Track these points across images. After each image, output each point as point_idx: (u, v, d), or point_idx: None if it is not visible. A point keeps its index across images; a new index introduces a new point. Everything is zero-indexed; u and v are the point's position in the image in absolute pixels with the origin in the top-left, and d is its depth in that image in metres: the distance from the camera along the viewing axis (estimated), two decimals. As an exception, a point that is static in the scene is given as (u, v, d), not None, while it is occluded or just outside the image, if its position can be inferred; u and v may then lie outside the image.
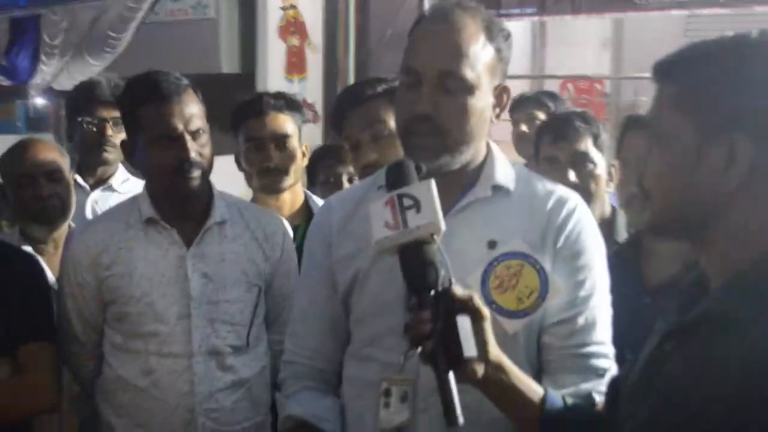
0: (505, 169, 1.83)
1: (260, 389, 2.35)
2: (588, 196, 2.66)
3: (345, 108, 2.51)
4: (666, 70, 1.34)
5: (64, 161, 2.79)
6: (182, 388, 2.27)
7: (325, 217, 1.94)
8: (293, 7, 11.16)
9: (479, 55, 1.71)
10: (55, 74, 7.69)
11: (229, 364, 2.31)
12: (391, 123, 2.39)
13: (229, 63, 11.06)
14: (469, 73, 1.70)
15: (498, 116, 1.80)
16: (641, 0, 6.63)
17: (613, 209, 2.81)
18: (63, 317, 2.39)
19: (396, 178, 1.53)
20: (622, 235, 2.71)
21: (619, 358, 1.77)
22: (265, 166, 2.73)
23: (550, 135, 2.75)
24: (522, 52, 12.86)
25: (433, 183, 1.49)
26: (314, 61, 11.49)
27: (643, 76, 9.31)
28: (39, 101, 9.58)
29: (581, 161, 2.69)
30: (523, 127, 4.49)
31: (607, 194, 2.81)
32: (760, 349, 1.15)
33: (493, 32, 1.74)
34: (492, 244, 1.74)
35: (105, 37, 7.37)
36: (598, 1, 6.96)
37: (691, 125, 1.27)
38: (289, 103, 2.78)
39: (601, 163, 2.74)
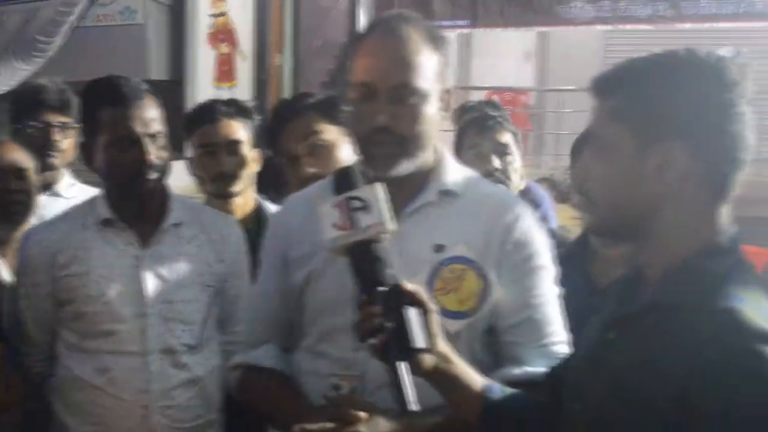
0: (455, 174, 1.92)
1: (213, 387, 2.40)
2: (509, 183, 2.87)
3: (279, 122, 2.57)
4: (605, 85, 1.47)
5: (29, 161, 2.81)
6: (138, 386, 2.31)
7: (282, 218, 2.05)
8: (223, 14, 11.14)
9: (427, 64, 1.80)
10: (-19, 78, 7.55)
11: (184, 362, 2.36)
12: (327, 135, 2.49)
13: (157, 69, 10.96)
14: (421, 83, 1.79)
15: (444, 119, 1.89)
16: (567, 14, 6.87)
17: None
18: (17, 317, 2.41)
19: (344, 182, 1.63)
20: None
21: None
22: (218, 172, 2.79)
23: (474, 127, 2.94)
24: (450, 64, 13.07)
25: (380, 186, 1.59)
26: (244, 68, 11.50)
27: (566, 88, 9.60)
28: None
29: (503, 151, 2.91)
30: None
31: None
32: (702, 333, 1.28)
33: (435, 40, 1.84)
34: (439, 248, 1.83)
35: (33, 41, 7.27)
36: (527, 14, 7.18)
37: (629, 135, 1.41)
38: (241, 110, 2.85)
39: (518, 158, 2.94)
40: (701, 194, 1.41)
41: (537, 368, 1.82)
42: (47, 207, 3.22)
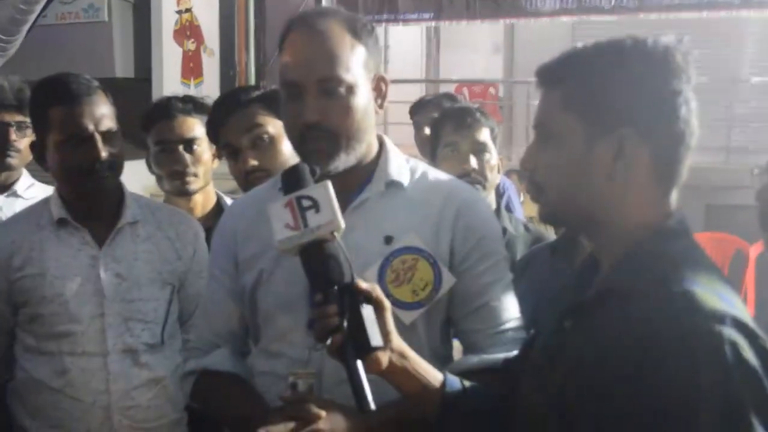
0: (399, 164, 1.91)
1: (176, 386, 2.34)
2: (485, 182, 2.86)
3: (222, 115, 2.54)
4: (551, 75, 1.47)
5: None
6: (98, 387, 2.29)
7: (228, 220, 2.02)
8: (188, 10, 11.08)
9: (350, 54, 1.78)
10: (-59, 78, 7.44)
11: (144, 361, 2.34)
12: (269, 127, 2.46)
13: (123, 67, 10.88)
14: (345, 74, 1.76)
15: (381, 106, 1.87)
16: (531, 6, 6.88)
17: (498, 203, 3.00)
18: None
19: (292, 181, 1.61)
20: (506, 225, 2.88)
21: None
22: (175, 169, 2.76)
23: (452, 123, 2.90)
24: (417, 57, 13.10)
25: (329, 184, 1.58)
26: (210, 64, 11.44)
27: (534, 80, 9.58)
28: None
29: (480, 150, 2.88)
30: (427, 131, 4.61)
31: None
32: (658, 317, 1.29)
33: (357, 29, 1.81)
34: (388, 240, 1.82)
35: (-5, 40, 7.19)
36: (492, 7, 7.19)
37: (580, 124, 1.41)
38: (198, 107, 2.82)
39: (495, 155, 2.92)
40: (651, 180, 1.41)
41: (494, 355, 1.82)
42: (5, 208, 3.19)
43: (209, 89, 11.09)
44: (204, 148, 2.79)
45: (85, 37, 10.49)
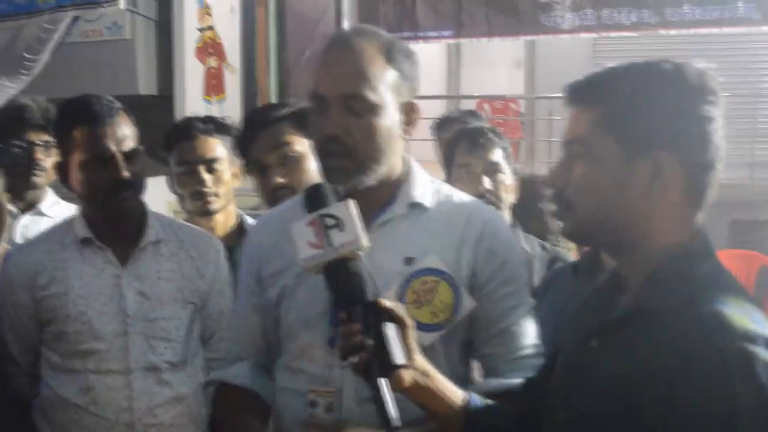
0: (423, 186, 1.92)
1: (198, 405, 2.38)
2: (499, 203, 2.86)
3: (250, 132, 2.57)
4: (586, 93, 1.48)
5: None
6: (121, 404, 2.31)
7: (254, 236, 2.06)
8: (210, 28, 11.15)
9: (379, 76, 1.80)
10: (-32, 96, 7.53)
11: (167, 379, 2.36)
12: (297, 145, 2.49)
13: (146, 84, 10.96)
14: (371, 95, 1.78)
15: (408, 132, 1.87)
16: (551, 23, 6.87)
17: (513, 222, 2.99)
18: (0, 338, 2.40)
19: (315, 199, 1.63)
20: (522, 245, 2.88)
21: None
22: (196, 189, 2.78)
23: (466, 144, 2.90)
24: (438, 73, 13.10)
25: (352, 202, 1.59)
26: (232, 81, 11.50)
27: (556, 96, 9.59)
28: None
29: (494, 170, 2.89)
30: None
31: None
32: (689, 337, 1.29)
33: (392, 53, 1.83)
34: (409, 261, 1.83)
35: (21, 59, 7.27)
36: (512, 24, 7.18)
37: (617, 145, 1.42)
38: (219, 127, 2.84)
39: (509, 174, 2.92)
40: (682, 203, 1.43)
41: (514, 380, 1.82)
42: (31, 226, 3.23)
43: (231, 106, 11.15)
44: (225, 167, 2.81)
45: (108, 55, 10.58)
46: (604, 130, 1.44)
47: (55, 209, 3.30)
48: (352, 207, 1.59)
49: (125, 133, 2.33)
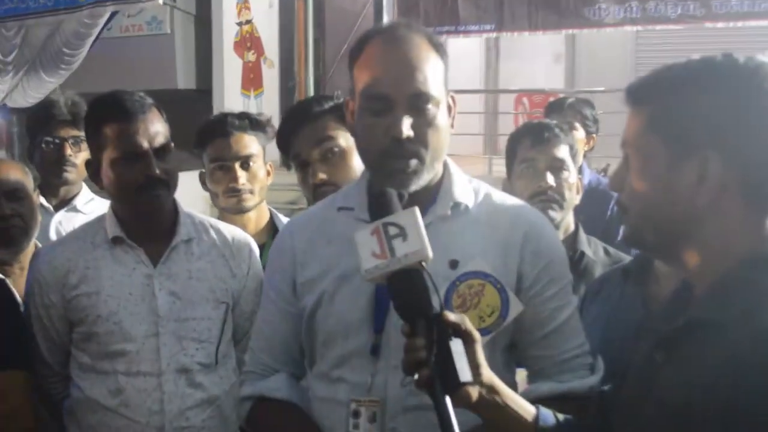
0: (463, 185, 1.85)
1: (230, 407, 2.33)
2: (562, 201, 2.72)
3: (293, 126, 2.49)
4: (638, 94, 1.42)
5: (27, 180, 2.73)
6: (152, 407, 2.26)
7: (286, 240, 1.95)
8: (248, 22, 11.18)
9: (435, 70, 1.74)
10: (8, 91, 7.59)
11: (199, 381, 2.31)
12: (341, 140, 2.41)
13: (185, 78, 11.05)
14: (434, 91, 1.72)
15: (452, 125, 1.81)
16: (594, 16, 6.75)
17: (576, 225, 2.85)
18: (29, 339, 2.36)
19: (379, 207, 1.55)
20: (584, 249, 2.76)
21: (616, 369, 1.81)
22: (231, 187, 2.74)
23: (530, 138, 2.77)
24: (477, 67, 13.02)
25: (417, 211, 1.51)
26: (270, 75, 11.53)
27: (595, 90, 9.48)
28: (-3, 118, 9.46)
29: (558, 167, 2.73)
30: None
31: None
32: (746, 348, 1.22)
33: (437, 45, 1.77)
34: (453, 264, 1.76)
35: (60, 54, 7.29)
36: (553, 17, 7.07)
37: (664, 145, 1.36)
38: (254, 123, 2.79)
39: (574, 173, 2.78)
40: (741, 206, 1.35)
41: (564, 383, 1.78)
42: (65, 223, 3.22)
43: (269, 100, 11.18)
44: (260, 165, 2.76)
45: (147, 50, 10.68)
46: (652, 130, 1.38)
47: (90, 206, 3.29)
48: (418, 215, 1.50)
49: (157, 129, 2.28)
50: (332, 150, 2.42)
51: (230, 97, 10.75)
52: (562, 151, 2.74)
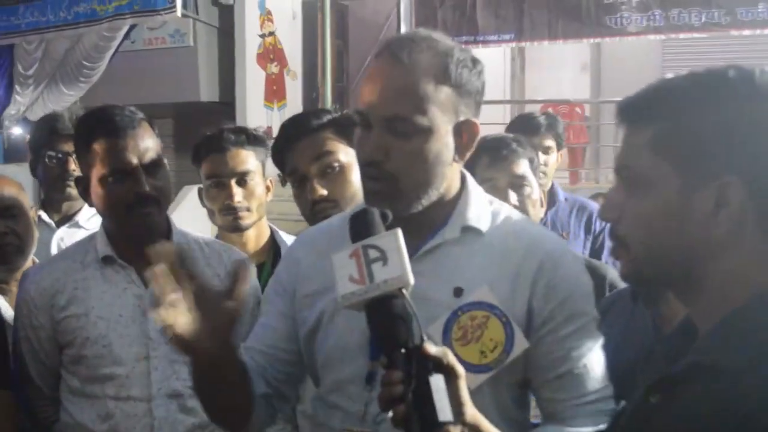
0: (479, 208, 1.72)
1: (224, 432, 2.26)
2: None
3: (289, 140, 2.39)
4: (639, 111, 1.28)
5: (23, 197, 2.67)
6: None
7: (297, 250, 1.87)
8: (271, 34, 11.17)
9: (432, 95, 1.60)
10: (29, 104, 7.64)
11: (191, 406, 2.21)
12: (341, 155, 2.31)
13: (207, 91, 11.04)
14: (418, 117, 1.59)
15: (462, 156, 1.68)
16: (616, 24, 6.62)
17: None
18: (19, 360, 2.30)
19: (361, 227, 1.44)
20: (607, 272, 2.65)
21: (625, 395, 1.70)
22: (227, 204, 2.65)
23: (487, 157, 2.65)
24: (502, 78, 12.91)
25: (399, 233, 1.39)
26: (293, 87, 11.50)
27: (617, 116, 9.31)
28: (15, 131, 9.51)
29: (519, 184, 2.60)
30: None
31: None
32: (752, 400, 1.09)
33: (448, 65, 1.62)
34: (458, 292, 1.64)
35: (80, 67, 7.33)
36: (574, 26, 6.95)
37: (673, 170, 1.21)
38: (251, 138, 2.70)
39: (536, 186, 2.66)
40: (757, 237, 1.20)
41: (579, 428, 1.63)
42: (66, 239, 3.16)
43: (292, 112, 11.05)
44: (258, 181, 2.67)
45: (171, 62, 10.69)
46: (657, 152, 1.22)
47: (93, 221, 3.23)
48: (400, 238, 1.39)
49: (147, 145, 2.20)
50: (332, 165, 2.32)
51: (253, 110, 10.73)
52: (523, 167, 2.61)
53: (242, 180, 2.66)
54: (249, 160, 2.67)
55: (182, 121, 10.75)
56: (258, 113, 10.51)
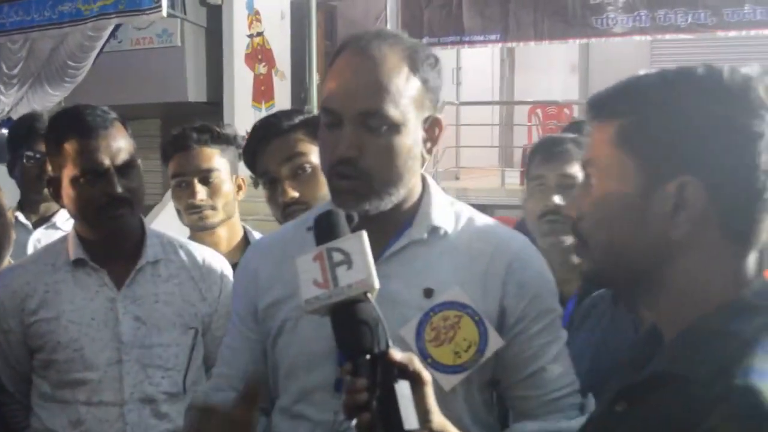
0: (443, 208, 1.71)
1: (198, 438, 2.22)
2: (569, 222, 2.53)
3: (260, 141, 2.36)
4: (604, 106, 1.25)
5: None
6: None
7: (251, 261, 1.82)
8: (259, 34, 11.13)
9: (403, 89, 1.58)
10: (14, 104, 7.58)
11: (164, 411, 2.18)
12: (312, 157, 2.28)
13: (195, 91, 11.00)
14: (392, 111, 1.57)
15: (430, 151, 1.67)
16: (602, 25, 6.60)
17: None
18: None
19: (325, 229, 1.40)
20: None
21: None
22: (190, 203, 2.61)
23: (541, 154, 2.61)
24: (491, 79, 12.90)
25: (365, 236, 1.36)
26: (282, 88, 11.46)
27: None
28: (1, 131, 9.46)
29: (569, 185, 2.51)
30: None
31: None
32: (717, 411, 1.06)
33: (417, 61, 1.61)
34: (428, 293, 1.62)
35: (64, 67, 7.28)
36: (560, 26, 6.92)
37: (635, 166, 1.18)
38: (216, 137, 2.65)
39: None
40: (722, 241, 1.17)
41: (554, 422, 1.64)
42: (44, 240, 3.12)
43: (281, 112, 11.08)
44: (224, 179, 2.64)
45: (158, 62, 10.65)
46: (620, 148, 1.19)
47: (71, 223, 3.15)
48: (365, 240, 1.35)
49: (120, 146, 2.16)
50: (303, 167, 2.29)
51: (241, 110, 10.70)
52: (574, 168, 2.55)
53: (205, 178, 2.61)
54: (213, 158, 2.63)
55: (170, 121, 10.68)
56: (246, 114, 10.47)
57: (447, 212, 1.70)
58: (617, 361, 1.76)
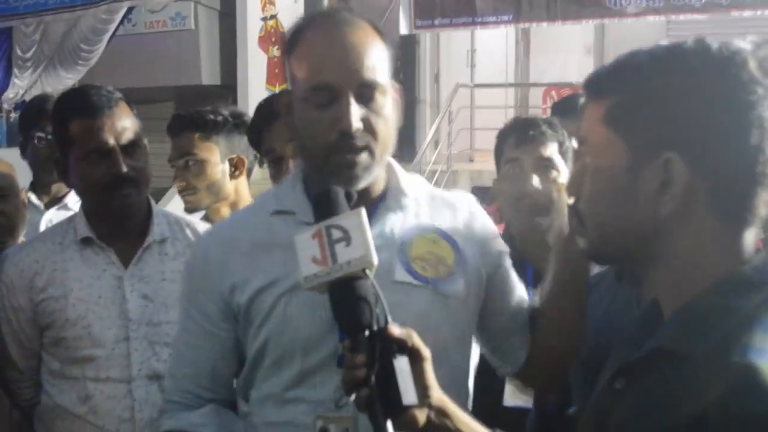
0: (406, 179, 1.75)
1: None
2: (549, 203, 2.52)
3: (265, 120, 2.39)
4: (598, 85, 1.24)
5: (13, 178, 2.68)
6: (122, 415, 2.17)
7: (211, 254, 1.72)
8: (273, 17, 11.11)
9: (382, 57, 1.61)
10: (28, 87, 7.61)
11: (171, 388, 2.21)
12: None
13: (209, 74, 11.00)
14: (381, 79, 1.59)
15: (401, 119, 1.69)
16: (616, 5, 6.56)
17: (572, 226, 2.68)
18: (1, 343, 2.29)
19: (324, 207, 1.40)
20: None
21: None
22: (180, 186, 2.75)
23: (514, 137, 2.59)
24: (506, 60, 12.83)
25: (363, 212, 1.37)
26: (295, 71, 11.41)
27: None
28: (15, 114, 9.51)
29: (545, 167, 2.52)
30: None
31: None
32: (715, 388, 1.06)
33: (381, 32, 1.65)
34: (404, 244, 1.68)
35: (77, 50, 7.30)
36: (574, 7, 6.88)
37: (624, 144, 1.18)
38: (194, 121, 2.77)
39: (564, 171, 2.58)
40: (712, 219, 1.16)
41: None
42: (55, 221, 3.13)
43: (294, 95, 11.07)
44: (208, 161, 2.74)
45: (172, 45, 10.65)
46: (609, 126, 1.19)
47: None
48: (364, 217, 1.36)
49: (125, 125, 2.18)
50: None
51: (255, 93, 10.68)
52: (550, 150, 2.52)
53: (187, 162, 2.74)
54: (192, 142, 2.75)
55: (183, 104, 10.69)
56: (260, 96, 10.40)
57: (409, 182, 1.75)
58: (618, 327, 1.78)
